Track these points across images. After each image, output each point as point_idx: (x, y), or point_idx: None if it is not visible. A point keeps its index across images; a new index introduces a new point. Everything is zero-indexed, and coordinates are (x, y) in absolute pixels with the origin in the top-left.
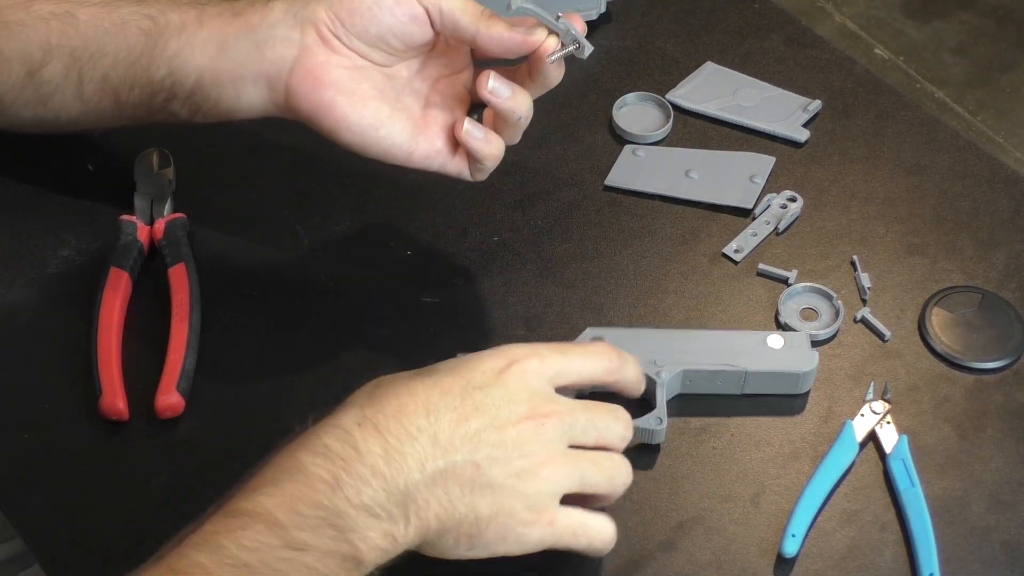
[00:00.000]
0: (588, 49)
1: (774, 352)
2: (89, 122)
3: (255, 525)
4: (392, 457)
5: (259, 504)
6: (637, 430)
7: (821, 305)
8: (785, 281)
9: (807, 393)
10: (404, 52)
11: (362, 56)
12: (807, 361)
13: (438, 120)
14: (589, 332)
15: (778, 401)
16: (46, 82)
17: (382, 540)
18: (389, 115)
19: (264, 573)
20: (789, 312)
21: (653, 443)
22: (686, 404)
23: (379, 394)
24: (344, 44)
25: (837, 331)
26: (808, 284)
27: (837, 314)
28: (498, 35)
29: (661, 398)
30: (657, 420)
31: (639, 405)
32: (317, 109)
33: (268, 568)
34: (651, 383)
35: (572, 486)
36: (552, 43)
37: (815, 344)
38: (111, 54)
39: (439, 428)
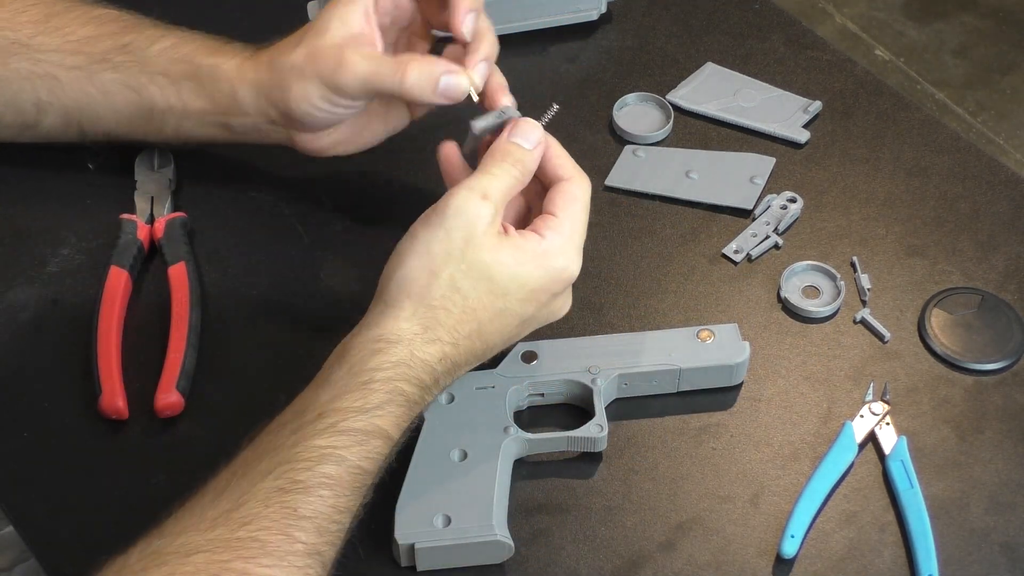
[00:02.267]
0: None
1: (706, 347)
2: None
3: (373, 440)
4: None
5: (373, 424)
6: (579, 439)
7: (823, 283)
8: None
9: (740, 384)
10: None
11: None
12: (738, 352)
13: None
14: (521, 347)
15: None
16: (45, 135)
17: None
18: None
19: (376, 473)
20: (791, 289)
21: (596, 451)
22: (621, 407)
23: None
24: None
25: (838, 309)
26: (811, 262)
27: (839, 293)
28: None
29: (599, 405)
30: (598, 428)
31: (578, 414)
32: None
33: (379, 469)
34: (588, 391)
35: None
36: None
37: (816, 321)
38: (108, 118)
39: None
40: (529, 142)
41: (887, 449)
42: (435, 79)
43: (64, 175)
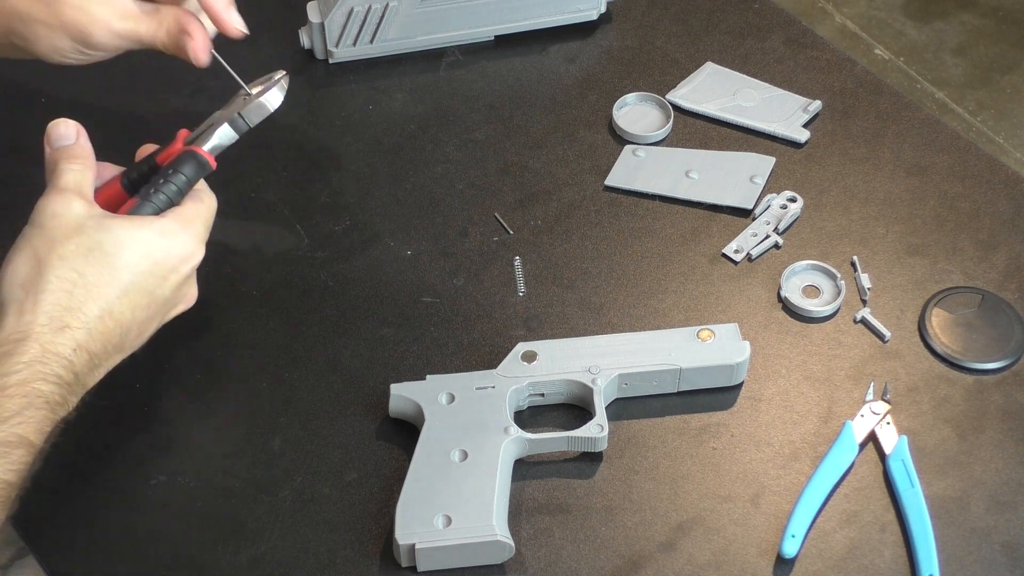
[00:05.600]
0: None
1: (706, 347)
2: None
3: (15, 451)
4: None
5: (13, 434)
6: (579, 439)
7: (823, 283)
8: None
9: (740, 384)
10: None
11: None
12: (738, 352)
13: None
14: (521, 347)
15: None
16: None
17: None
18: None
19: (20, 485)
20: (791, 289)
21: (596, 451)
22: (621, 407)
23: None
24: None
25: (838, 309)
26: (811, 262)
27: (839, 292)
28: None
29: (599, 405)
30: (598, 428)
31: (578, 414)
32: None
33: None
34: (588, 391)
35: None
36: None
37: (817, 320)
38: None
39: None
40: (68, 138)
41: (888, 449)
42: (187, 43)
43: None
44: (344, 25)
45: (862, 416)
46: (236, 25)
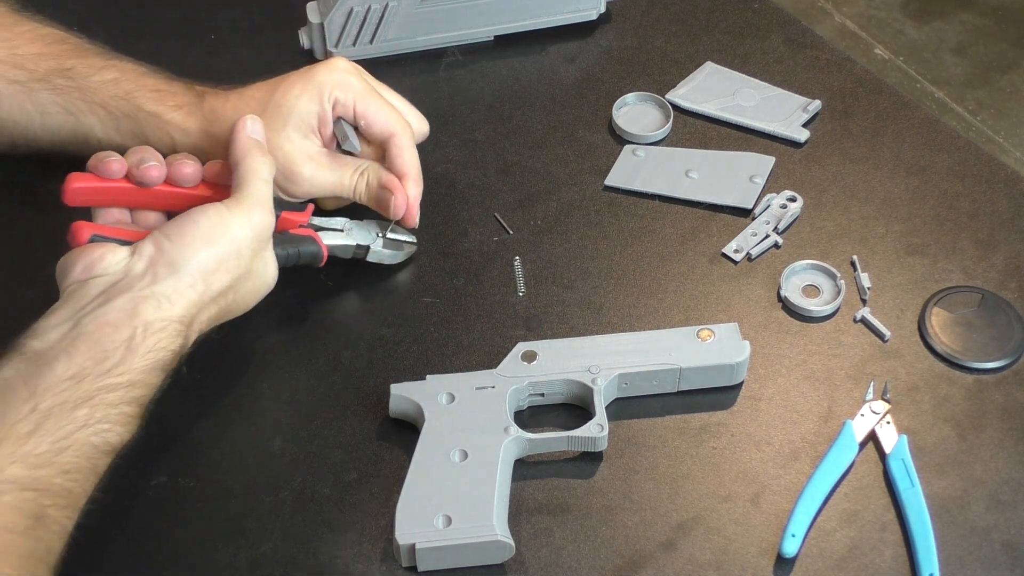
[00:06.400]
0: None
1: (706, 346)
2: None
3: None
4: None
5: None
6: (579, 439)
7: (823, 282)
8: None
9: (740, 384)
10: None
11: None
12: (738, 352)
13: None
14: (521, 347)
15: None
16: None
17: None
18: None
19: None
20: (791, 288)
21: (596, 450)
22: (621, 407)
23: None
24: None
25: (838, 308)
26: (811, 261)
27: (839, 292)
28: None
29: (599, 405)
30: (599, 427)
31: (578, 414)
32: None
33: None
34: (588, 391)
35: None
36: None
37: (816, 320)
38: (43, 138)
39: None
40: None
41: (888, 448)
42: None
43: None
44: (344, 25)
45: (862, 416)
46: (415, 221)
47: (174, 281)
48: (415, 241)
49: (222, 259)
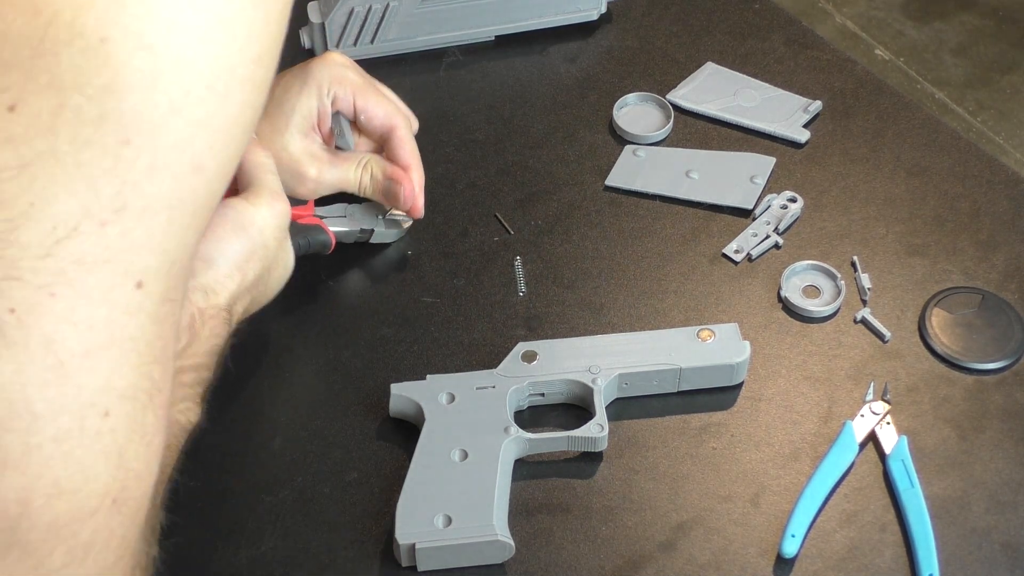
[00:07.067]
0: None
1: (706, 346)
2: None
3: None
4: None
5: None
6: (579, 439)
7: (823, 283)
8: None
9: (740, 384)
10: None
11: None
12: (738, 352)
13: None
14: (521, 347)
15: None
16: None
17: None
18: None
19: None
20: (792, 289)
21: (596, 450)
22: (621, 407)
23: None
24: None
25: (838, 309)
26: (811, 262)
27: (839, 292)
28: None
29: (599, 405)
30: (599, 427)
31: (578, 414)
32: None
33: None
34: (588, 391)
35: None
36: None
37: (817, 320)
38: None
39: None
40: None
41: (887, 449)
42: (397, 189)
43: None
44: (345, 25)
45: (862, 416)
46: (421, 211)
47: (213, 273)
48: (409, 217)
49: (253, 249)
